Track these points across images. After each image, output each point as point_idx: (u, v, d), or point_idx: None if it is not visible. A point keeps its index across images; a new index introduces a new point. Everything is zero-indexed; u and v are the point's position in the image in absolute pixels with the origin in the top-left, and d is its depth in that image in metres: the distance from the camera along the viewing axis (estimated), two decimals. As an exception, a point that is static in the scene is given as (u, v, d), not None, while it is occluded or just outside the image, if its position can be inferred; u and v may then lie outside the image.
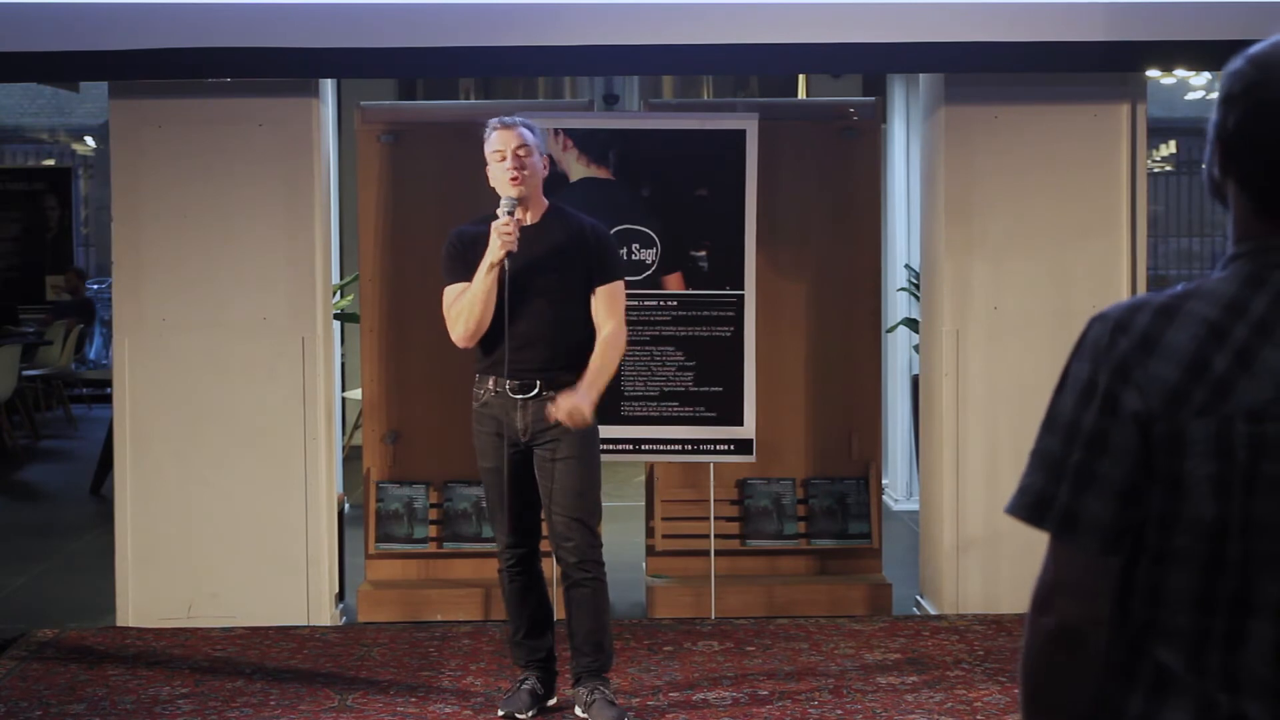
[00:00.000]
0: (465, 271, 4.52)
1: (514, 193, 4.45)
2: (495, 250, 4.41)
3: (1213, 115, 1.66)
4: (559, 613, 4.85)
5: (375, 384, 6.07)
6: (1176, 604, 1.59)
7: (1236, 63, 1.63)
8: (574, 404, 4.41)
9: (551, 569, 4.85)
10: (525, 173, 4.46)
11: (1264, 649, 1.57)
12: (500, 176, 4.48)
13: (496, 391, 4.54)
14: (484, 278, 4.44)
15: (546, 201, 4.61)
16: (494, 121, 4.55)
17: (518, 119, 4.56)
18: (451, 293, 4.55)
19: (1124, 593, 1.63)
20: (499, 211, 4.45)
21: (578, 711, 4.64)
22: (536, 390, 4.51)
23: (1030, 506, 1.63)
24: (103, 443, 8.50)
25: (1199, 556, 1.58)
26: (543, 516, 4.64)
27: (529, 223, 4.52)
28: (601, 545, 4.65)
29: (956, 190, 5.80)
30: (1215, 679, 1.58)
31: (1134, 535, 1.61)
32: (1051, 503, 1.61)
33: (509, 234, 4.40)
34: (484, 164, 4.55)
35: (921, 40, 5.50)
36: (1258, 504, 1.55)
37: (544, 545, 4.70)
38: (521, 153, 4.46)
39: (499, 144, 4.49)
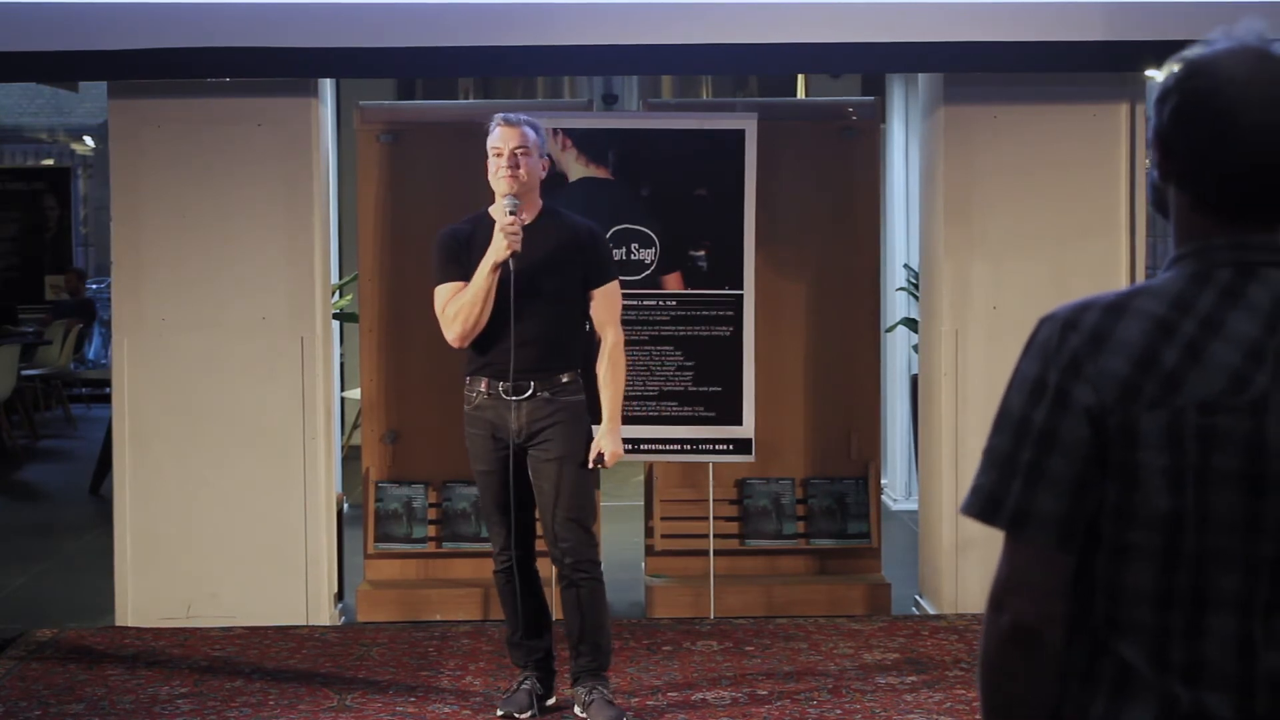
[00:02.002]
0: (460, 271, 4.50)
1: (506, 189, 4.43)
2: (500, 249, 4.39)
3: (1150, 120, 1.69)
4: (556, 612, 4.85)
5: (374, 384, 6.07)
6: (1136, 599, 1.60)
7: (1168, 65, 1.66)
8: (612, 450, 4.53)
9: (550, 569, 4.85)
10: (520, 171, 4.44)
11: (1223, 641, 1.58)
12: (494, 174, 4.48)
13: (490, 394, 4.53)
14: (486, 276, 4.41)
15: (541, 202, 4.59)
16: (498, 117, 4.53)
17: (522, 117, 4.54)
18: (445, 291, 4.52)
19: (1084, 591, 1.63)
20: (501, 210, 4.44)
21: (576, 711, 4.64)
22: (531, 391, 4.50)
23: (982, 505, 1.65)
24: (102, 443, 8.51)
25: (1156, 550, 1.59)
26: (537, 517, 4.64)
27: (525, 223, 4.49)
28: (597, 545, 4.65)
29: (956, 190, 5.80)
30: (1176, 674, 1.58)
31: (1087, 531, 1.61)
32: (1003, 500, 1.63)
33: (515, 233, 4.38)
34: (483, 162, 4.55)
35: (921, 40, 5.50)
36: (1210, 496, 1.57)
37: (540, 545, 4.70)
38: (519, 152, 4.45)
39: (499, 141, 4.48)
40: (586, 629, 4.58)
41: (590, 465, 4.57)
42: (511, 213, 4.41)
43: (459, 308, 4.46)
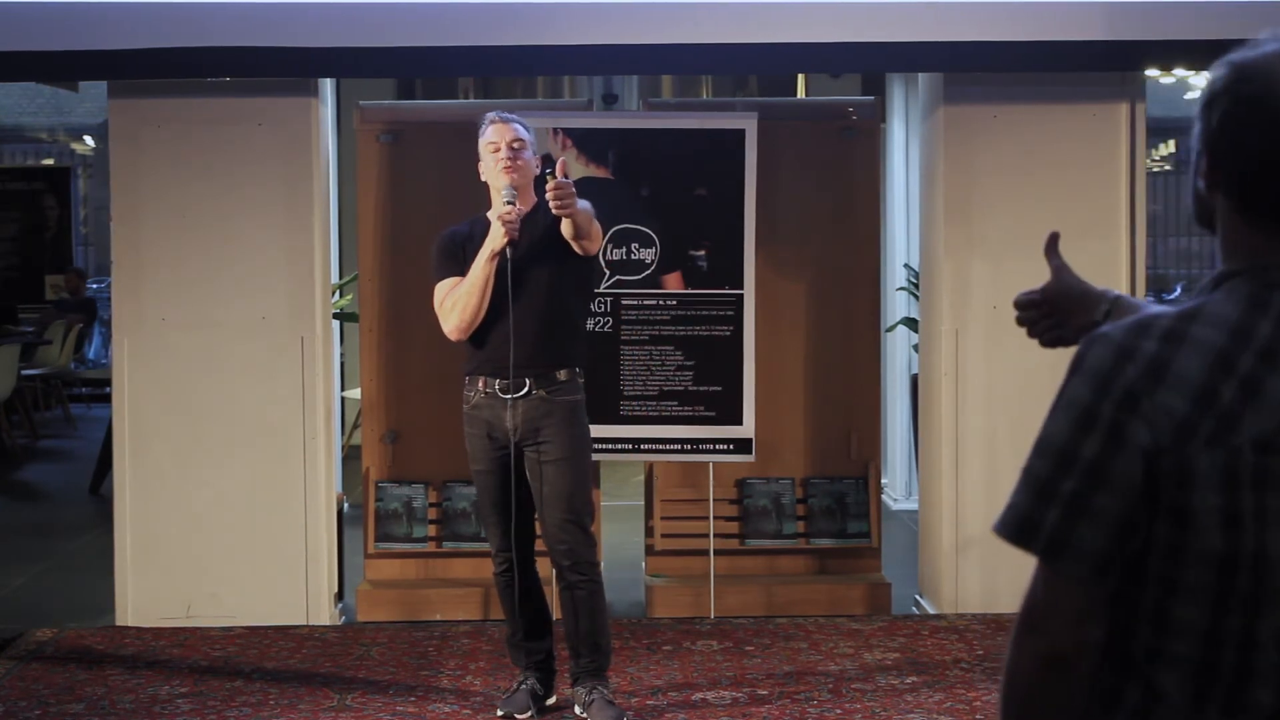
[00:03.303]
0: (458, 268, 4.53)
1: (507, 181, 4.45)
2: (497, 238, 4.40)
3: (1196, 126, 1.63)
4: (556, 613, 4.85)
5: (374, 383, 6.07)
6: (1184, 634, 1.56)
7: (1215, 69, 1.60)
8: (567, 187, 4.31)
9: (550, 569, 4.84)
10: (519, 163, 4.48)
11: (1268, 682, 1.54)
12: (493, 168, 4.50)
13: (486, 392, 4.53)
14: (483, 265, 4.43)
15: (536, 199, 4.57)
16: (490, 115, 4.58)
17: (512, 116, 4.58)
18: (444, 286, 4.55)
19: (1120, 615, 1.60)
20: (501, 201, 4.45)
21: (577, 711, 4.64)
22: (527, 389, 4.50)
23: (1016, 528, 1.59)
24: (102, 442, 8.51)
25: (1208, 589, 1.54)
26: (536, 517, 4.63)
27: (521, 215, 4.47)
28: (596, 546, 4.63)
29: (956, 190, 5.80)
30: (1217, 710, 1.55)
31: (1132, 563, 1.57)
32: (1038, 526, 1.57)
33: (512, 222, 4.39)
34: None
35: (921, 40, 5.50)
36: (1267, 537, 1.52)
37: (539, 545, 4.70)
38: (516, 145, 4.48)
39: (495, 136, 4.51)
40: (586, 630, 4.58)
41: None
42: (509, 202, 4.42)
43: (456, 298, 4.49)
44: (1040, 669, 1.60)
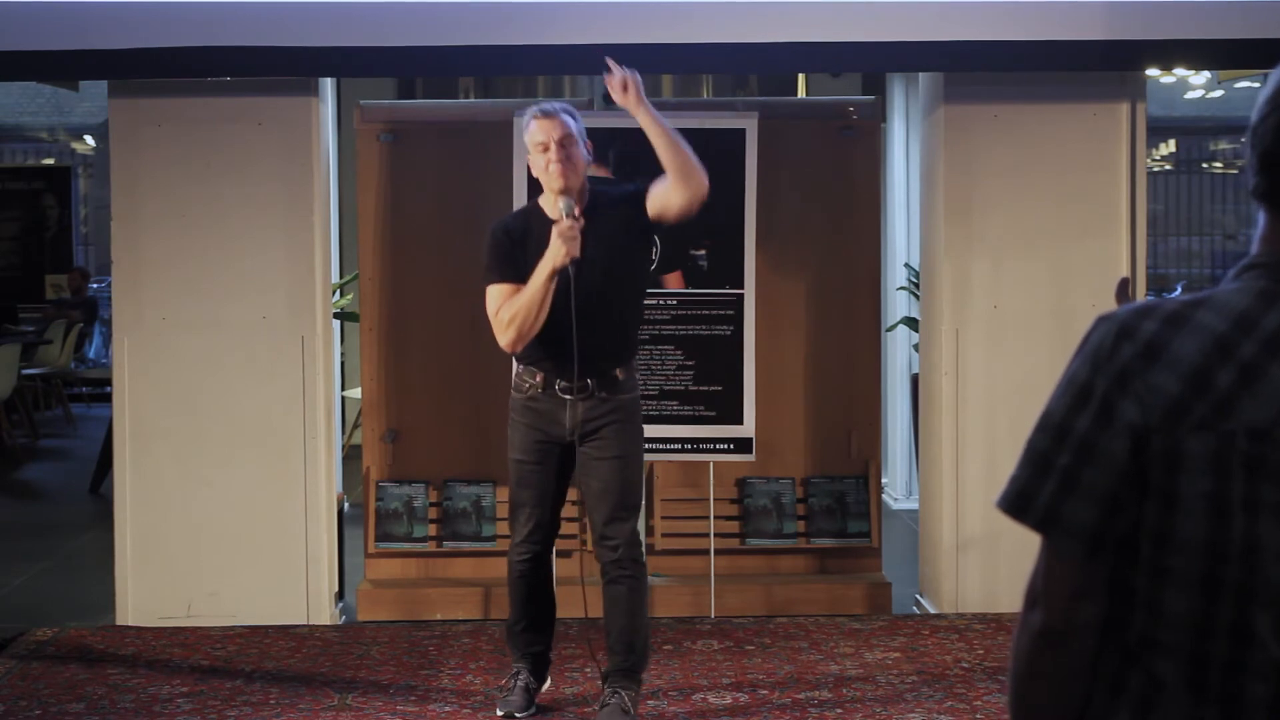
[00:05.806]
0: (515, 272, 4.33)
1: (561, 184, 4.28)
2: (559, 255, 4.22)
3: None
4: (562, 611, 4.84)
5: (375, 383, 6.07)
6: (1175, 622, 1.56)
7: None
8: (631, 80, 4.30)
9: (562, 566, 4.84)
10: (571, 164, 4.31)
11: (1265, 678, 1.54)
12: (544, 169, 4.32)
13: (545, 389, 4.44)
14: (543, 283, 4.25)
15: (588, 188, 4.43)
16: (533, 110, 4.40)
17: (558, 106, 4.42)
18: (499, 294, 4.34)
19: (1120, 600, 1.60)
20: (557, 212, 4.29)
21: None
22: (589, 390, 4.41)
23: (1013, 500, 1.62)
24: (102, 442, 8.51)
25: (1195, 577, 1.54)
26: (563, 514, 4.62)
27: (581, 225, 4.30)
28: (642, 544, 4.57)
29: (956, 189, 5.80)
30: (1213, 702, 1.55)
31: (1125, 544, 1.58)
32: (1034, 499, 1.60)
33: (574, 238, 4.22)
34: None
35: (921, 39, 5.50)
36: (1258, 528, 1.51)
37: (557, 544, 4.68)
38: (566, 143, 4.31)
39: (541, 134, 4.33)
40: (622, 628, 4.50)
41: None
42: (569, 215, 4.26)
43: (514, 312, 4.30)
44: (1037, 645, 1.62)
